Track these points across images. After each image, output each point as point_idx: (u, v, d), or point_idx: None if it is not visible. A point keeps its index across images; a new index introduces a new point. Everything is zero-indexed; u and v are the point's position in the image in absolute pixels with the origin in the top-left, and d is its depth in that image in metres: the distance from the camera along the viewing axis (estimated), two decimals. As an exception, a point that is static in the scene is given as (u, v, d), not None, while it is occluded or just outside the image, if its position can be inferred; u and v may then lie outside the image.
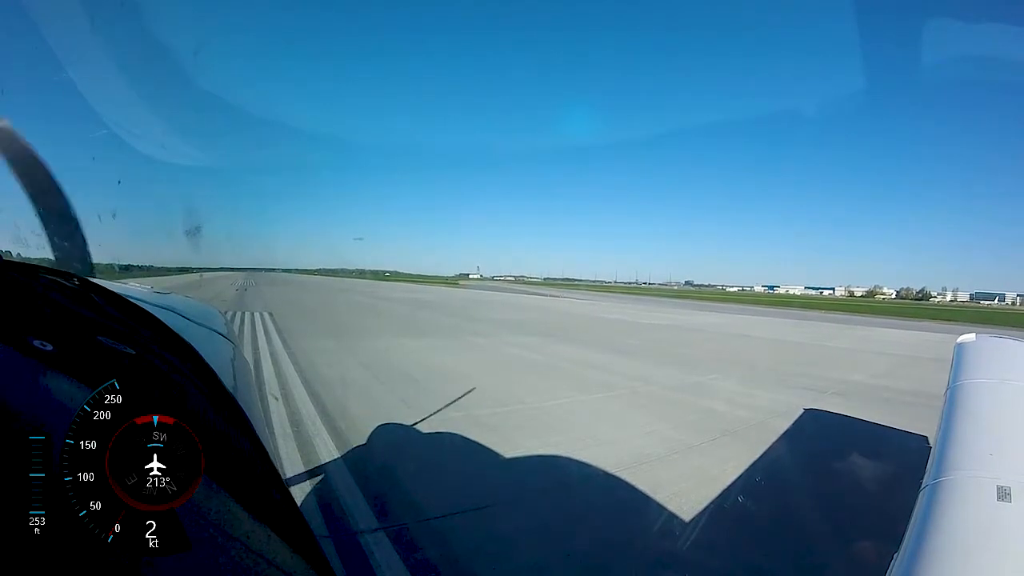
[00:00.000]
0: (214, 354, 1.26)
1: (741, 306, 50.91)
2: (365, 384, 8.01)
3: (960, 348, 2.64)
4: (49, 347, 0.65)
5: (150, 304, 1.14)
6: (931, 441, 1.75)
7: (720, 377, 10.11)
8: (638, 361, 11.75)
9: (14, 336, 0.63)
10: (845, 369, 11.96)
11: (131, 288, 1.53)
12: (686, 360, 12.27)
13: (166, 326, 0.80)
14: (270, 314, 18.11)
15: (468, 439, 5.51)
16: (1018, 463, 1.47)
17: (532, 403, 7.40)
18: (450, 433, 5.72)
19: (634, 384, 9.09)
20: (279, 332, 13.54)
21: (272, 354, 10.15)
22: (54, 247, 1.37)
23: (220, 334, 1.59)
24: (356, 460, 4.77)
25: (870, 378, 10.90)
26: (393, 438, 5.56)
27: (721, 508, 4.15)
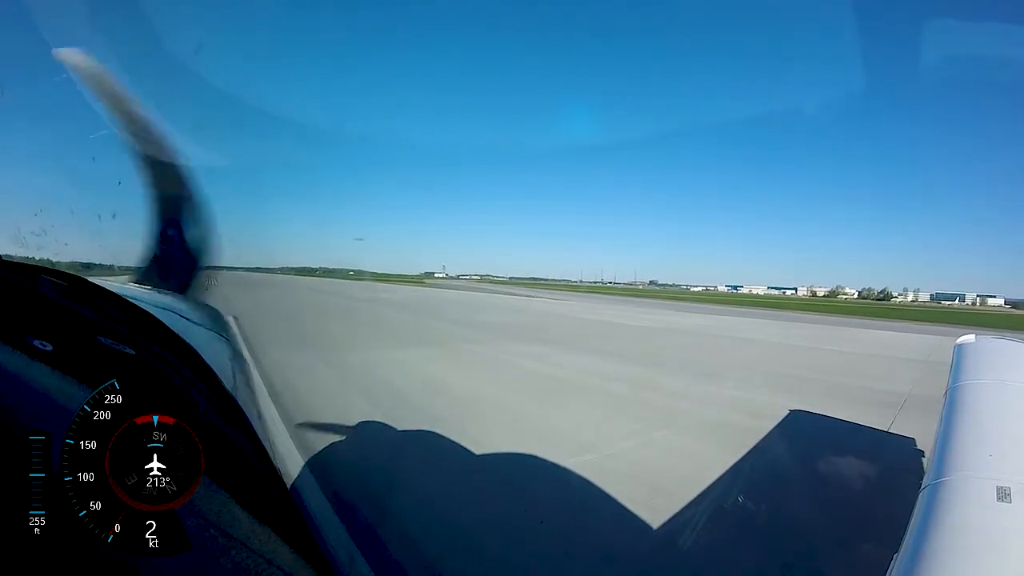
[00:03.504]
0: (214, 354, 1.26)
1: (715, 306, 48.21)
2: (361, 414, 6.22)
3: (960, 349, 2.64)
4: (49, 347, 0.65)
5: (150, 304, 1.14)
6: (919, 443, 1.75)
7: (768, 392, 8.61)
8: (663, 373, 10.19)
9: (14, 336, 0.63)
10: (877, 378, 10.63)
11: (131, 288, 1.53)
12: (712, 371, 10.88)
13: (166, 326, 0.80)
14: (234, 318, 15.05)
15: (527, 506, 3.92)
16: (1018, 464, 1.47)
17: (593, 444, 5.58)
18: (496, 497, 4.14)
19: (678, 403, 7.74)
20: (248, 344, 10.43)
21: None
22: (54, 247, 1.38)
23: (220, 334, 1.59)
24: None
25: (916, 387, 9.38)
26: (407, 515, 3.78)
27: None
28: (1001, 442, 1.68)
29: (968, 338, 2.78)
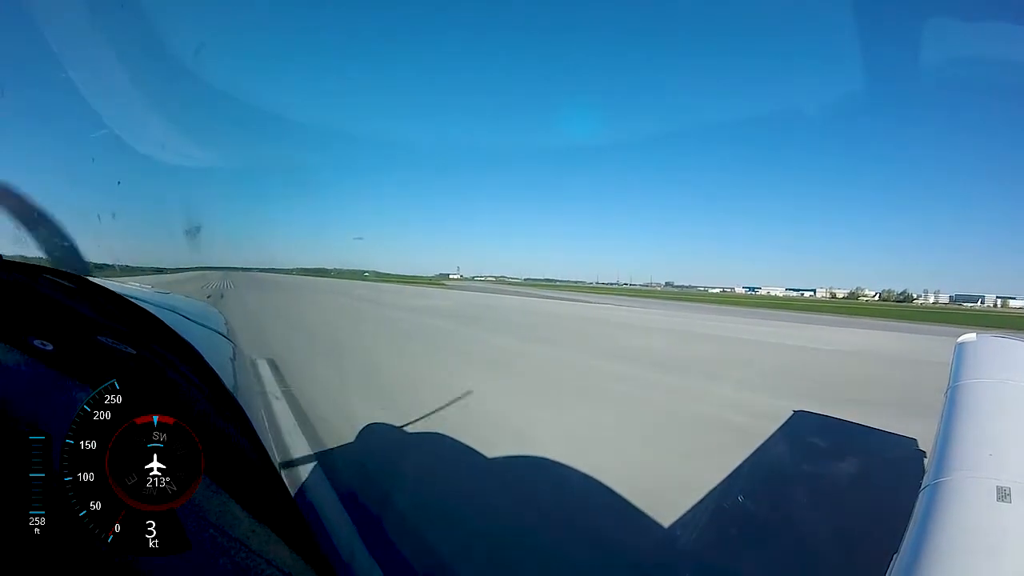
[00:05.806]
0: (214, 354, 1.26)
1: (763, 311, 42.78)
2: None
3: (960, 348, 2.63)
4: (49, 347, 0.65)
5: (150, 304, 1.14)
6: (921, 444, 1.74)
7: None
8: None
9: (14, 336, 0.64)
10: None
11: (131, 288, 1.53)
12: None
13: (166, 326, 0.80)
14: (270, 363, 7.72)
15: None
16: (1018, 463, 1.47)
17: None
18: None
19: None
20: (296, 411, 5.43)
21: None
22: (54, 247, 1.38)
23: (220, 334, 1.59)
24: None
25: None
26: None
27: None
28: (1001, 442, 1.67)
29: (969, 337, 2.77)
